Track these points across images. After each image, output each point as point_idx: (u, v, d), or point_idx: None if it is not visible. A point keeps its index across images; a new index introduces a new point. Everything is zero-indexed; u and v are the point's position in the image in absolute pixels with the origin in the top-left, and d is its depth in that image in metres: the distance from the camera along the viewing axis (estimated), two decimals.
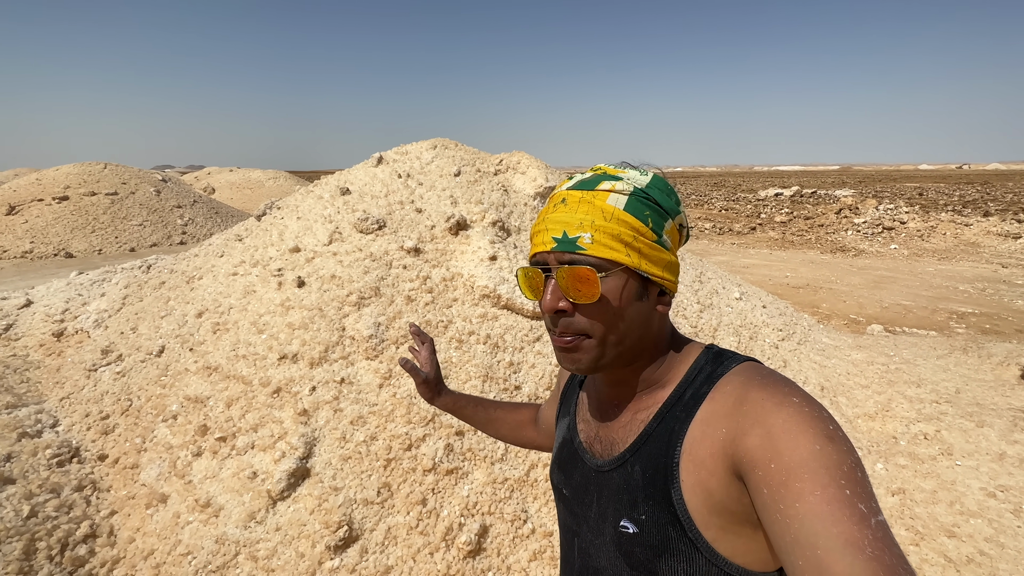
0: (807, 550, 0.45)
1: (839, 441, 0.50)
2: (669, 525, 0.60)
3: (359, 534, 2.05)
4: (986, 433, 2.83)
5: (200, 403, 2.51)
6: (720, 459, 0.57)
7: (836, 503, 0.45)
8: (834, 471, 0.47)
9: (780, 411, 0.53)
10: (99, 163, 13.78)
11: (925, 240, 12.68)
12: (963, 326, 6.14)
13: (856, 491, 0.46)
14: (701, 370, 0.66)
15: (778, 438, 0.51)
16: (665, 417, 0.65)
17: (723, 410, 0.59)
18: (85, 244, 11.24)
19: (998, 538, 2.21)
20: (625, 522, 0.65)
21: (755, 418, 0.54)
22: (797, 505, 0.47)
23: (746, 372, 0.62)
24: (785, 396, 0.55)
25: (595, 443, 0.74)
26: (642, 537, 0.63)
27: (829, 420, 0.53)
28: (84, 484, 2.23)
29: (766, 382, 0.58)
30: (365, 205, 3.66)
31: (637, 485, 0.64)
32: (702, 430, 0.60)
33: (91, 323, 3.33)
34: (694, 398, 0.63)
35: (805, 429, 0.50)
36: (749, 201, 24.00)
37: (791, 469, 0.48)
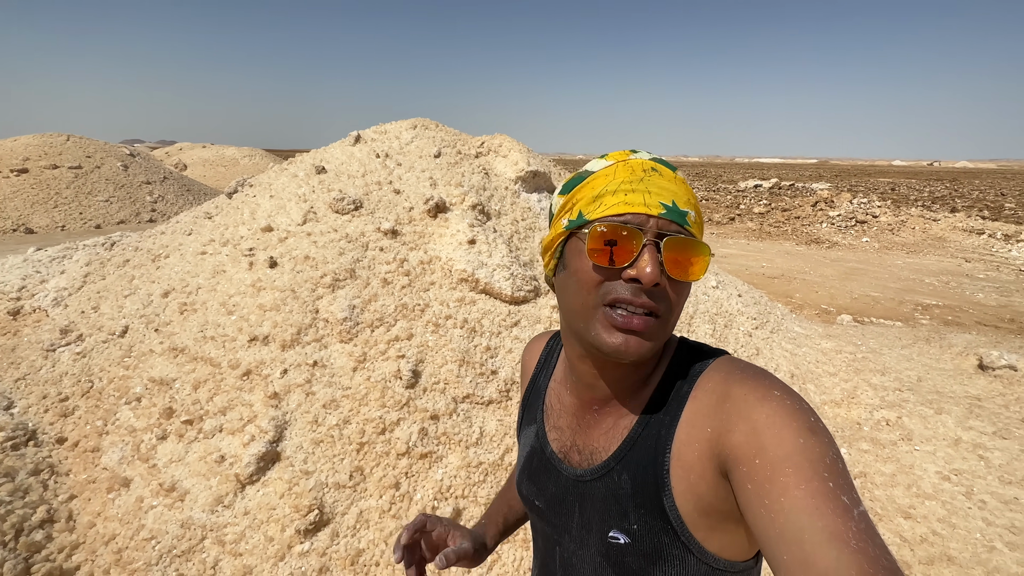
0: (793, 545, 0.45)
1: (820, 433, 0.50)
2: (662, 532, 0.59)
3: (330, 518, 2.03)
4: (944, 420, 2.95)
5: (166, 385, 2.43)
6: (708, 460, 0.56)
7: (820, 496, 0.45)
8: (817, 464, 0.47)
9: (763, 405, 0.53)
10: (61, 135, 13.12)
11: (895, 234, 13.07)
12: (927, 317, 6.37)
13: (839, 483, 0.46)
14: (678, 369, 0.64)
15: (762, 433, 0.51)
16: (650, 421, 0.63)
17: (706, 409, 0.58)
18: (47, 220, 10.75)
19: (950, 519, 2.32)
20: (615, 532, 0.63)
21: (739, 414, 0.54)
22: (782, 499, 0.47)
23: (724, 367, 0.61)
24: (767, 389, 0.54)
25: (571, 452, 0.70)
26: (634, 547, 0.61)
27: (810, 412, 0.52)
28: (41, 468, 2.15)
29: (746, 375, 0.57)
30: (341, 185, 3.56)
31: (626, 494, 0.62)
32: (688, 432, 0.59)
33: (49, 301, 3.19)
34: (677, 399, 0.62)
35: (788, 422, 0.50)
36: (729, 192, 24.31)
37: (776, 464, 0.48)
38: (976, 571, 2.08)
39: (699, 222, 0.62)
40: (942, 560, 2.13)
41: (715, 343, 3.63)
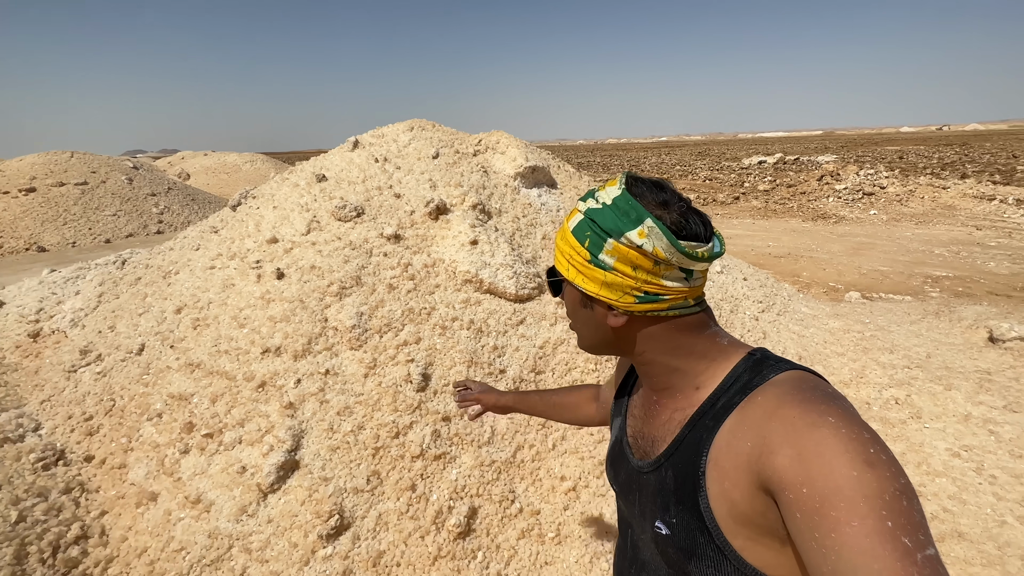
0: None
1: (881, 467, 0.47)
2: (697, 531, 0.62)
3: (350, 522, 2.10)
4: (953, 396, 2.95)
5: (184, 400, 2.51)
6: (744, 472, 0.56)
7: (876, 536, 0.43)
8: (874, 501, 0.44)
9: (813, 432, 0.51)
10: (65, 152, 13.26)
11: (904, 204, 12.88)
12: (937, 290, 6.32)
13: (900, 523, 0.43)
14: (738, 378, 0.65)
15: (810, 461, 0.49)
16: (697, 424, 0.65)
17: (751, 422, 0.58)
18: (58, 237, 10.92)
19: (961, 495, 2.34)
20: (659, 523, 0.68)
21: (784, 437, 0.53)
22: (833, 535, 0.45)
23: (784, 385, 0.59)
24: (820, 416, 0.52)
25: (639, 438, 0.77)
26: (673, 539, 0.65)
27: (871, 443, 0.49)
28: (72, 486, 2.24)
29: (803, 398, 0.55)
30: (342, 192, 3.59)
31: (669, 490, 0.66)
32: (727, 441, 0.60)
33: (67, 323, 3.27)
34: (725, 407, 0.63)
35: (840, 453, 0.48)
36: (733, 170, 24.03)
37: (825, 496, 0.46)
38: (988, 546, 2.10)
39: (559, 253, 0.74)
40: (953, 537, 2.16)
41: None
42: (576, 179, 4.93)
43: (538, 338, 2.96)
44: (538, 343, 2.93)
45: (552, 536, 2.18)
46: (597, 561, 2.10)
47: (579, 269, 0.69)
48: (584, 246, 0.68)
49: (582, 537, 2.17)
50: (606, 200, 0.67)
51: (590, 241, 0.67)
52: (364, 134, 4.38)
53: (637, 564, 0.77)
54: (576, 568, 2.08)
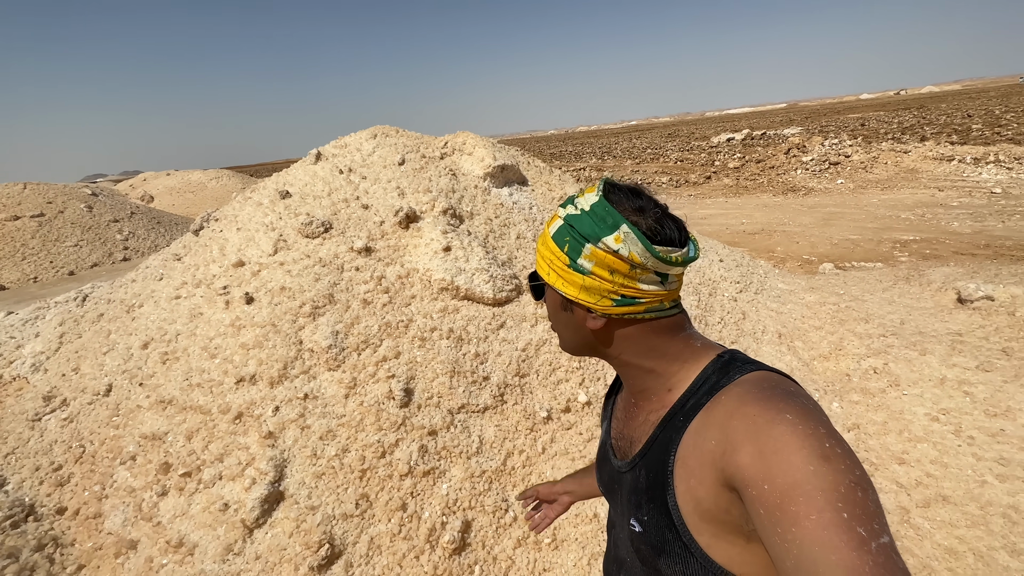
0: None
1: (835, 460, 0.49)
2: (666, 528, 0.64)
3: (342, 549, 2.04)
4: (928, 360, 3.02)
5: (158, 440, 2.41)
6: (709, 469, 0.58)
7: (832, 528, 0.45)
8: (829, 493, 0.46)
9: (772, 428, 0.52)
10: (17, 184, 12.69)
11: (868, 172, 13.19)
12: (906, 254, 6.49)
13: (855, 513, 0.46)
14: (707, 380, 0.67)
15: (769, 458, 0.51)
16: (668, 425, 0.68)
17: (715, 421, 0.60)
18: (17, 273, 10.46)
19: (942, 459, 2.40)
20: (633, 521, 0.71)
21: (745, 434, 0.54)
22: (794, 530, 0.47)
23: (746, 384, 0.62)
24: (779, 412, 0.54)
25: (620, 439, 0.81)
26: (645, 536, 0.68)
27: (826, 437, 0.51)
28: (45, 542, 2.13)
29: (762, 396, 0.58)
30: (308, 207, 3.49)
31: (642, 488, 0.69)
32: (694, 440, 0.62)
33: (28, 368, 3.12)
34: (694, 407, 0.65)
35: (797, 448, 0.50)
36: (703, 149, 24.31)
37: (785, 491, 0.48)
38: (970, 507, 2.16)
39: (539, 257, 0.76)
40: (938, 501, 2.21)
41: (701, 313, 3.67)
42: (547, 174, 4.90)
43: (520, 340, 2.93)
44: (520, 346, 2.90)
45: (548, 542, 2.16)
46: (595, 563, 2.09)
47: (559, 273, 0.71)
48: (564, 251, 0.70)
49: (579, 540, 2.16)
50: (584, 206, 0.69)
51: (569, 246, 0.69)
52: (326, 145, 4.27)
53: (617, 562, 0.80)
54: (574, 572, 2.07)
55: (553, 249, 0.71)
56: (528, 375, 2.80)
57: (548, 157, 31.26)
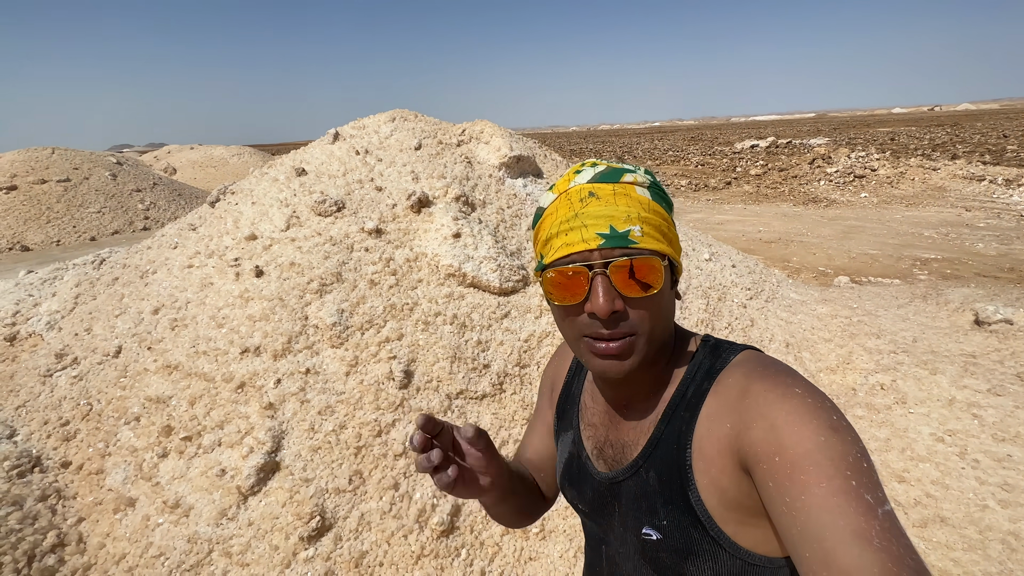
0: (814, 542, 0.45)
1: (843, 431, 0.50)
2: (691, 527, 0.60)
3: (332, 523, 2.07)
4: (938, 380, 2.95)
5: (162, 403, 2.46)
6: (728, 455, 0.57)
7: (842, 494, 0.45)
8: (839, 462, 0.47)
9: (783, 403, 0.53)
10: (46, 148, 12.99)
11: (894, 187, 12.88)
12: (925, 272, 6.33)
13: (862, 481, 0.46)
14: (700, 365, 0.66)
15: (782, 430, 0.51)
16: (672, 418, 0.64)
17: (726, 405, 0.59)
18: (41, 236, 10.74)
19: (944, 480, 2.35)
20: (647, 529, 0.65)
21: (758, 411, 0.54)
22: (803, 498, 0.47)
23: (746, 363, 0.62)
24: (788, 387, 0.54)
25: (606, 448, 0.73)
26: (666, 542, 0.63)
27: (833, 410, 0.52)
28: (48, 493, 2.20)
29: (767, 372, 0.58)
30: (322, 186, 3.52)
31: (654, 491, 0.64)
32: (707, 427, 0.60)
33: (43, 325, 3.21)
34: (697, 395, 0.63)
35: (808, 420, 0.50)
36: (725, 154, 23.94)
37: (796, 462, 0.48)
38: (969, 530, 2.12)
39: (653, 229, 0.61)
40: (935, 522, 2.17)
41: (709, 318, 3.63)
42: (563, 168, 4.87)
43: (523, 331, 2.92)
44: (523, 336, 2.90)
45: (536, 531, 2.17)
46: (581, 555, 2.09)
47: (673, 242, 0.65)
48: (671, 216, 0.66)
49: (566, 532, 2.17)
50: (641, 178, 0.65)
51: (670, 211, 0.66)
52: (345, 126, 4.29)
53: None
54: (560, 563, 2.07)
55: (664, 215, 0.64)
56: (529, 366, 2.80)
57: (568, 153, 31.06)
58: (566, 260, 0.62)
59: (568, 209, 0.63)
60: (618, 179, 0.63)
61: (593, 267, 0.60)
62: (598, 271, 0.60)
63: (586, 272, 0.61)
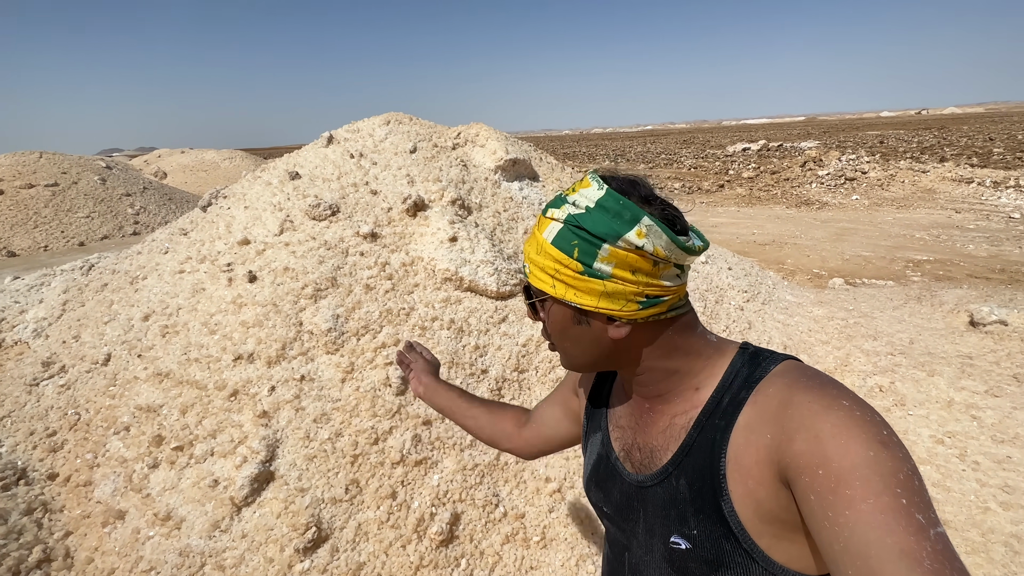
0: (858, 559, 0.43)
1: (894, 447, 0.47)
2: (723, 538, 0.59)
3: (328, 534, 2.03)
4: (936, 382, 2.96)
5: (153, 412, 2.40)
6: (767, 466, 0.55)
7: (891, 512, 0.43)
8: (889, 479, 0.45)
9: (829, 415, 0.51)
10: (33, 152, 12.81)
11: (885, 189, 13.02)
12: (918, 274, 6.38)
13: (913, 500, 0.44)
14: (738, 373, 0.63)
15: (826, 443, 0.49)
16: (705, 426, 0.63)
17: (767, 415, 0.57)
18: (28, 241, 10.57)
19: (945, 483, 2.34)
20: (676, 538, 0.63)
21: (801, 422, 0.52)
22: (847, 512, 0.45)
23: (789, 373, 0.59)
24: (834, 399, 0.52)
25: (633, 450, 0.72)
26: (695, 552, 0.61)
27: (883, 425, 0.50)
28: (34, 506, 2.13)
29: (812, 384, 0.55)
30: (316, 190, 3.48)
31: (685, 499, 0.62)
32: (745, 437, 0.58)
33: (30, 333, 3.13)
34: (733, 404, 0.61)
35: (857, 434, 0.48)
36: (718, 158, 24.12)
37: (841, 476, 0.46)
38: (971, 533, 2.11)
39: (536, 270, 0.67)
40: None
41: (706, 320, 3.62)
42: (559, 171, 4.86)
43: (521, 336, 2.89)
44: (521, 341, 2.87)
45: (537, 540, 2.13)
46: (583, 564, 2.06)
47: (569, 283, 0.63)
48: (573, 257, 0.62)
49: (568, 540, 2.13)
50: (587, 203, 0.62)
51: (579, 250, 0.61)
52: (339, 129, 4.26)
53: None
54: (562, 571, 2.04)
55: (557, 256, 0.63)
56: (527, 371, 2.77)
57: (561, 157, 31.15)
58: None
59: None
60: (546, 212, 0.67)
61: None
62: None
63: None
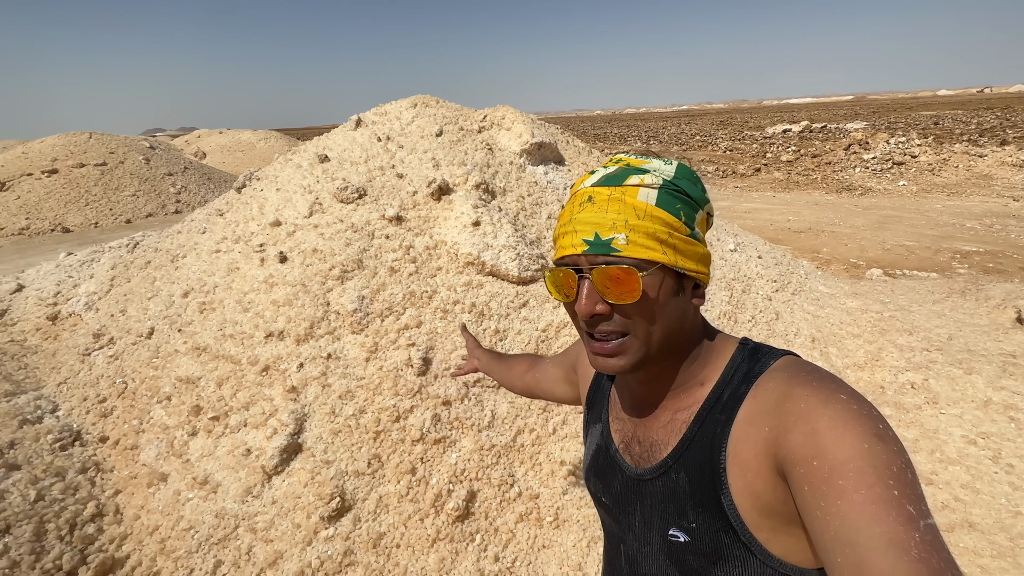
0: (847, 547, 0.44)
1: (889, 440, 0.48)
2: (721, 532, 0.59)
3: (352, 504, 2.14)
4: (973, 380, 2.84)
5: (192, 383, 2.56)
6: (765, 459, 0.56)
7: (882, 502, 0.44)
8: (882, 471, 0.46)
9: (826, 408, 0.52)
10: (84, 133, 13.45)
11: (936, 174, 12.27)
12: (965, 266, 6.04)
13: (905, 492, 0.45)
14: (738, 368, 0.64)
15: (823, 435, 0.50)
16: (705, 420, 0.63)
17: (766, 408, 0.58)
18: (80, 218, 11.19)
19: (974, 484, 2.27)
20: (675, 531, 0.64)
21: (799, 415, 0.53)
22: (839, 502, 0.46)
23: (788, 368, 0.60)
24: (831, 392, 0.53)
25: (633, 444, 0.73)
26: (694, 545, 0.62)
27: (879, 419, 0.51)
28: (88, 466, 2.32)
29: (811, 378, 0.56)
30: (344, 173, 3.55)
31: (684, 493, 0.63)
32: (745, 430, 0.59)
33: (82, 306, 3.35)
34: (733, 398, 0.62)
35: (852, 426, 0.49)
36: (756, 139, 23.16)
37: (835, 467, 0.47)
38: (999, 537, 2.04)
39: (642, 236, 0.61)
40: (963, 527, 2.10)
41: (731, 310, 3.55)
42: (585, 155, 4.79)
43: (541, 321, 2.92)
44: (540, 326, 2.90)
45: (550, 520, 2.19)
46: (595, 545, 2.11)
47: (679, 248, 0.62)
48: (681, 220, 0.62)
49: (580, 521, 2.18)
50: (669, 171, 0.64)
51: (684, 214, 0.62)
52: (367, 112, 4.30)
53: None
54: (573, 552, 2.09)
55: (668, 220, 0.61)
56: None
57: (591, 138, 30.54)
58: (561, 262, 0.66)
59: (569, 212, 0.66)
60: (621, 182, 0.63)
61: (580, 271, 0.63)
62: (584, 275, 0.63)
63: (573, 275, 0.64)
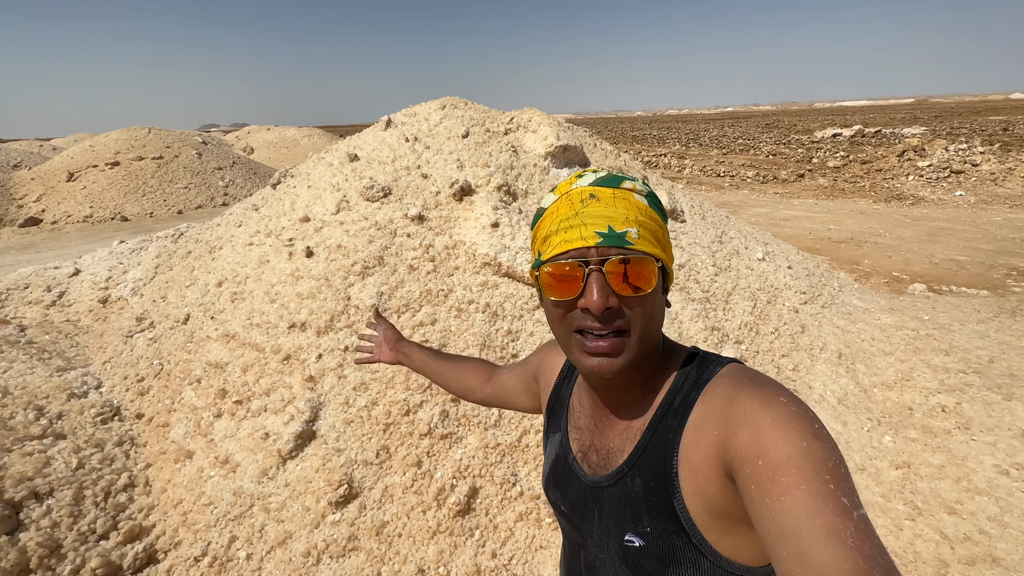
0: (791, 541, 0.47)
1: (824, 439, 0.52)
2: (674, 535, 0.62)
3: (359, 492, 2.23)
4: (1012, 407, 2.67)
5: (220, 368, 2.72)
6: (714, 461, 0.58)
7: (820, 497, 0.47)
8: (819, 467, 0.49)
9: (768, 410, 0.55)
10: (143, 128, 14.34)
11: (999, 185, 11.45)
12: (1022, 284, 5.64)
13: (840, 486, 0.48)
14: (688, 375, 0.67)
15: (766, 435, 0.53)
16: (659, 427, 0.66)
17: (714, 413, 0.60)
18: (138, 208, 11.95)
19: (1002, 517, 2.14)
20: (630, 536, 0.66)
21: (744, 417, 0.56)
22: (783, 499, 0.49)
23: (733, 375, 0.64)
24: (772, 396, 0.57)
25: (590, 452, 0.74)
26: (648, 549, 0.64)
27: (815, 419, 0.55)
28: (124, 440, 2.51)
29: (754, 383, 0.60)
30: (372, 172, 3.67)
31: (639, 498, 0.65)
32: (695, 435, 0.61)
33: (129, 291, 3.61)
34: (684, 404, 0.64)
35: (792, 427, 0.52)
36: (802, 144, 22.24)
37: (778, 465, 0.50)
38: None
39: (648, 233, 0.64)
40: (986, 561, 1.99)
41: (754, 321, 3.46)
42: (612, 158, 4.76)
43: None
44: None
45: (549, 522, 2.21)
46: None
47: (666, 248, 0.67)
48: (665, 224, 0.69)
49: None
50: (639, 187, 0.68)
51: (665, 220, 0.69)
52: (397, 113, 4.43)
53: None
54: None
55: (659, 221, 0.66)
56: None
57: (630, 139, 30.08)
58: (564, 256, 0.64)
59: (569, 208, 0.65)
60: (618, 185, 0.66)
61: (589, 264, 0.62)
62: (594, 268, 0.62)
63: (582, 269, 0.62)
